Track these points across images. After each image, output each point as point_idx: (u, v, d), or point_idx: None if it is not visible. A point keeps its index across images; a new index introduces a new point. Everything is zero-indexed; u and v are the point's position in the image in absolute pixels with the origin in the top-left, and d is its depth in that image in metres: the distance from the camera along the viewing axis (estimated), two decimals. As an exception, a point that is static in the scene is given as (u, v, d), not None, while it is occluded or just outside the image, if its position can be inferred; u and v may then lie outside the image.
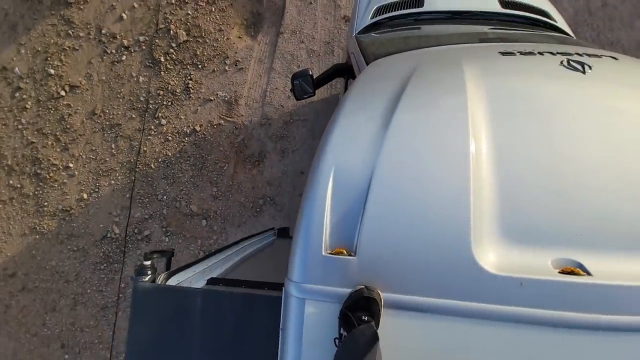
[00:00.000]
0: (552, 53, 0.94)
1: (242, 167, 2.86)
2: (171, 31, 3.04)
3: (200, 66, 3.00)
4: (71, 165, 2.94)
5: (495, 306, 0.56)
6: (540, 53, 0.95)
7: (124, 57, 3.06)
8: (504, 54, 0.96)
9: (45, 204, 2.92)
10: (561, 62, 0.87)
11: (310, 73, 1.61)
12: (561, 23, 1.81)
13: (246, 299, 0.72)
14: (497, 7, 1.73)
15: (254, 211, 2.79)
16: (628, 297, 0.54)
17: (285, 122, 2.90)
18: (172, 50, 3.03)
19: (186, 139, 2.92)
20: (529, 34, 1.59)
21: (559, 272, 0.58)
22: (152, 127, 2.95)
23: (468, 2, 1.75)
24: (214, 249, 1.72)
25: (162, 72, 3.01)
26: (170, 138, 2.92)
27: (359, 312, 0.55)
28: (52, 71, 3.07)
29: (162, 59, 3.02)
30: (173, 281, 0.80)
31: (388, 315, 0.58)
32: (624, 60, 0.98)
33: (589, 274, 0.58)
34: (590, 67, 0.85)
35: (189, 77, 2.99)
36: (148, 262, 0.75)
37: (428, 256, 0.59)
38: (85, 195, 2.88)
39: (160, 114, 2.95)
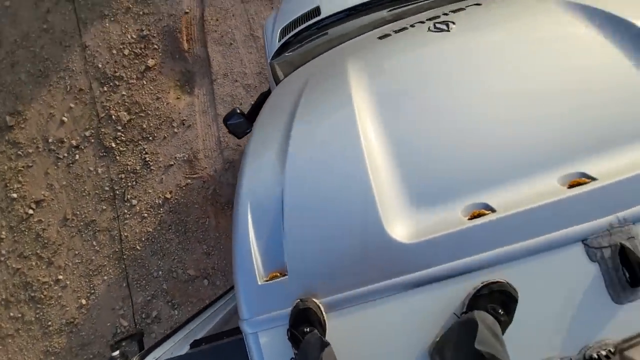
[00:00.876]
0: (422, 22, 1.01)
1: (223, 215, 2.88)
2: (113, 116, 3.11)
3: (150, 138, 3.05)
4: (60, 277, 2.92)
5: (422, 272, 0.59)
6: (412, 25, 1.02)
7: (77, 157, 3.10)
8: (381, 37, 1.03)
9: (49, 323, 2.88)
10: (429, 28, 0.94)
11: (239, 111, 1.67)
12: None
13: (219, 350, 0.74)
14: None
15: (248, 253, 2.79)
16: (529, 221, 0.58)
17: (247, 159, 2.95)
18: (119, 133, 3.09)
19: (161, 209, 2.94)
20: (423, 3, 1.68)
21: (469, 219, 0.62)
22: (126, 211, 2.97)
23: None
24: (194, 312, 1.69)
25: (117, 157, 3.06)
26: (146, 215, 2.94)
27: (301, 327, 0.57)
28: (15, 195, 3.10)
29: (114, 145, 3.08)
30: (150, 359, 0.81)
31: (333, 318, 0.61)
32: (487, 3, 1.05)
33: (493, 210, 0.61)
34: (453, 23, 0.92)
35: (144, 152, 3.04)
36: (117, 352, 0.77)
37: (348, 249, 0.62)
38: (83, 301, 2.86)
39: (129, 196, 2.98)
